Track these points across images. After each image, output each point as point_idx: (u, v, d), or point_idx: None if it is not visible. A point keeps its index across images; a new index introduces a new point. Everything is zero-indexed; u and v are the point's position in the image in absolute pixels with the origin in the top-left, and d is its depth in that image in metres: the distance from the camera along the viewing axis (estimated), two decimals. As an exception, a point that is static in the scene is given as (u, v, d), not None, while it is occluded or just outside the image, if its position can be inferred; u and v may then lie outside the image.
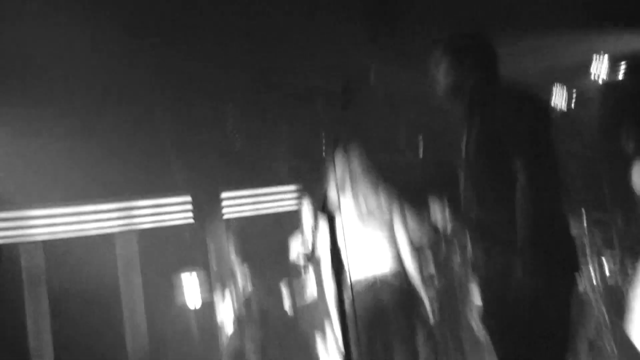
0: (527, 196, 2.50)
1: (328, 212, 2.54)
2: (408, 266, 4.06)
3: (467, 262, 2.92)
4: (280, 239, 8.75)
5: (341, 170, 4.07)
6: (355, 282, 3.92)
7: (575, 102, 7.70)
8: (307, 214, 6.10)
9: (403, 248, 4.08)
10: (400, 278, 4.05)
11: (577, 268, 2.70)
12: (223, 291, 7.01)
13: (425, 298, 4.08)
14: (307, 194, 7.56)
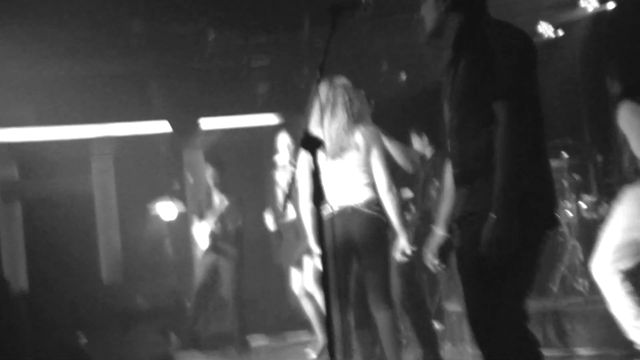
0: (506, 134, 2.50)
1: (308, 144, 2.48)
2: (384, 195, 4.04)
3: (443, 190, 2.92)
4: (257, 158, 8.77)
5: (323, 100, 4.01)
6: (333, 212, 3.92)
7: (561, 39, 7.62)
8: (286, 145, 6.07)
9: (379, 177, 4.05)
10: (376, 206, 4.04)
11: (556, 208, 2.72)
12: (199, 205, 6.91)
13: (401, 228, 4.08)
14: (287, 124, 7.53)
